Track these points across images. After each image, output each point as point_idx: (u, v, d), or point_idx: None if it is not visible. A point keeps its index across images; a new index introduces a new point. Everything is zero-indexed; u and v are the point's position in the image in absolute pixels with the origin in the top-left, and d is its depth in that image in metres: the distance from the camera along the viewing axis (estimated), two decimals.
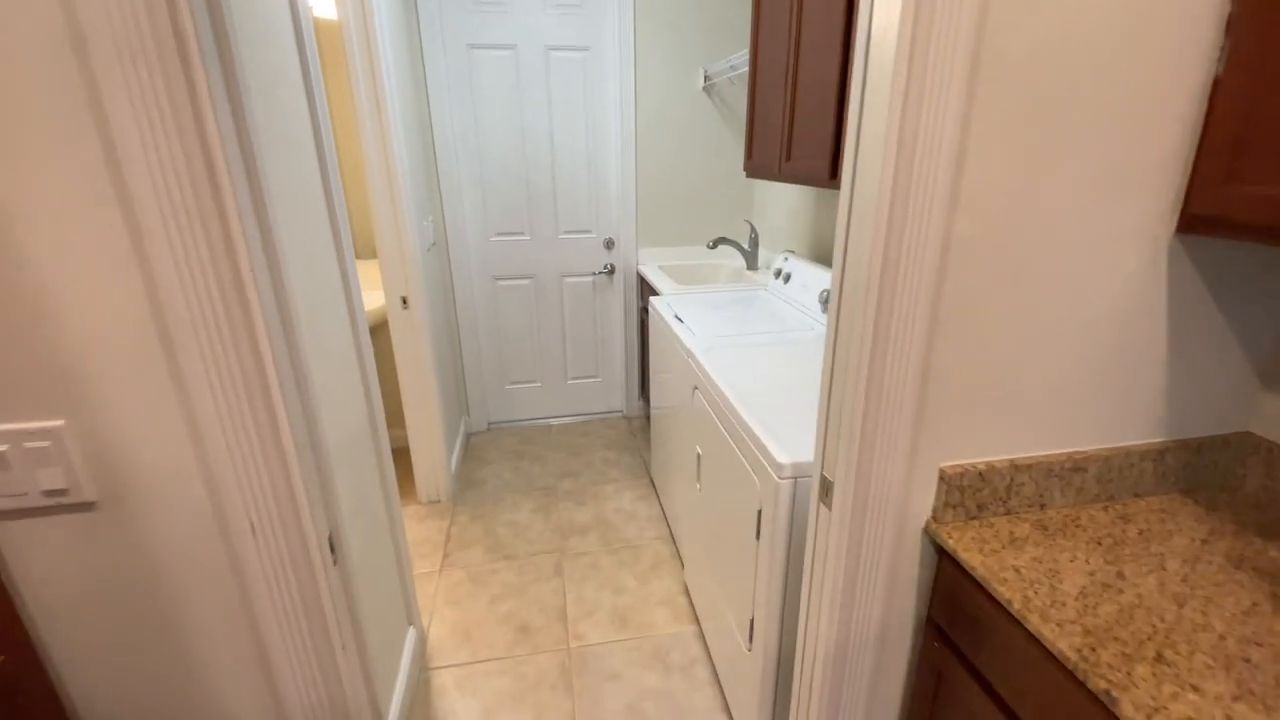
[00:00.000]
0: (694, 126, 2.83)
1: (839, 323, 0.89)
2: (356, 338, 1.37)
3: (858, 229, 0.82)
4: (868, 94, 0.77)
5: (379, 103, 1.95)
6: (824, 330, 1.86)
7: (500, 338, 3.05)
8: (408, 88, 2.31)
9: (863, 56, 0.78)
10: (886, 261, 0.79)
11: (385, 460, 1.52)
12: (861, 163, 0.80)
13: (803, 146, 1.76)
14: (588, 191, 2.89)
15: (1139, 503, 1.00)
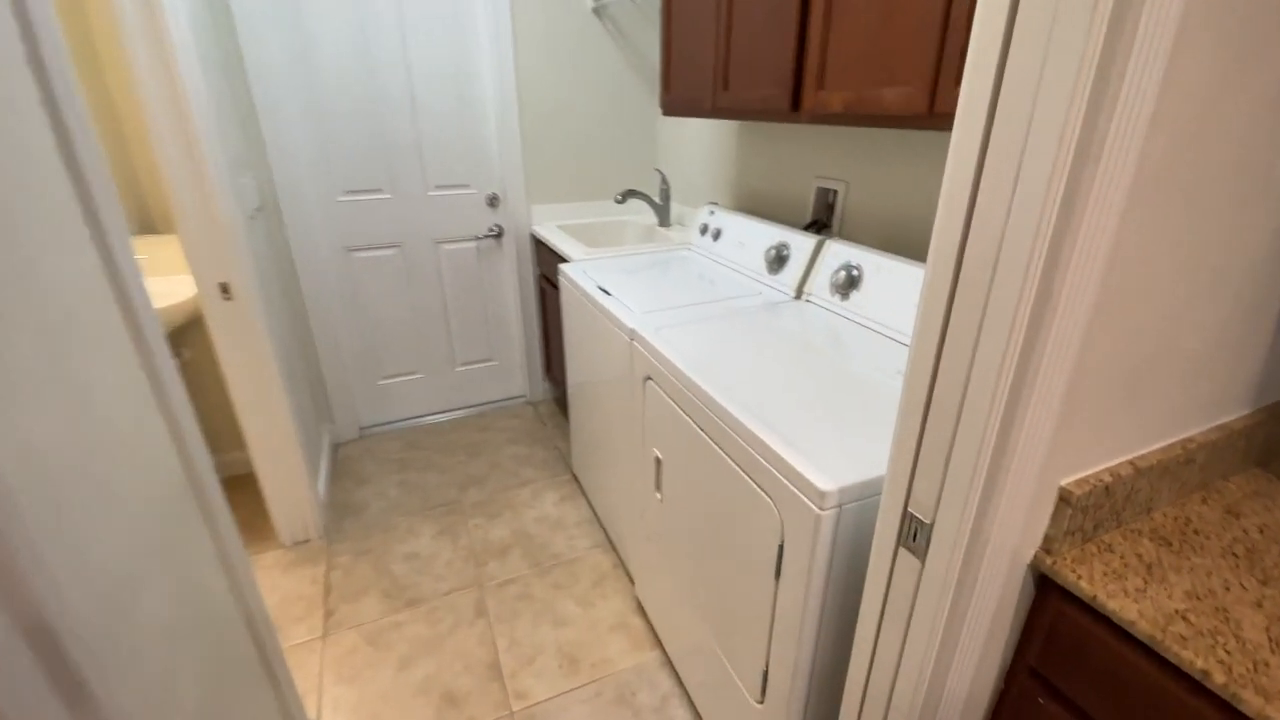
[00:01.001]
0: (585, 58, 2.40)
1: (952, 314, 0.60)
2: (145, 353, 0.86)
3: (998, 180, 0.52)
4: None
5: (151, 8, 1.32)
6: (778, 295, 1.62)
7: (364, 323, 2.48)
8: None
9: None
10: (1066, 215, 0.50)
11: (214, 505, 1.03)
12: (1014, 83, 0.50)
13: (747, 74, 1.45)
14: (461, 137, 2.37)
15: (1228, 486, 0.85)
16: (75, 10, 1.86)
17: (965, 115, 0.55)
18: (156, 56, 1.37)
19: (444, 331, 2.62)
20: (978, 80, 0.53)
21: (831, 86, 1.21)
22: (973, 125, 0.54)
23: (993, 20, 0.51)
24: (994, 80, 0.52)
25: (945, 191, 0.58)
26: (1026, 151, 0.50)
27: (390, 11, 2.11)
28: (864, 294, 1.39)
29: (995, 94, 0.52)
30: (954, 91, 0.95)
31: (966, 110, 0.55)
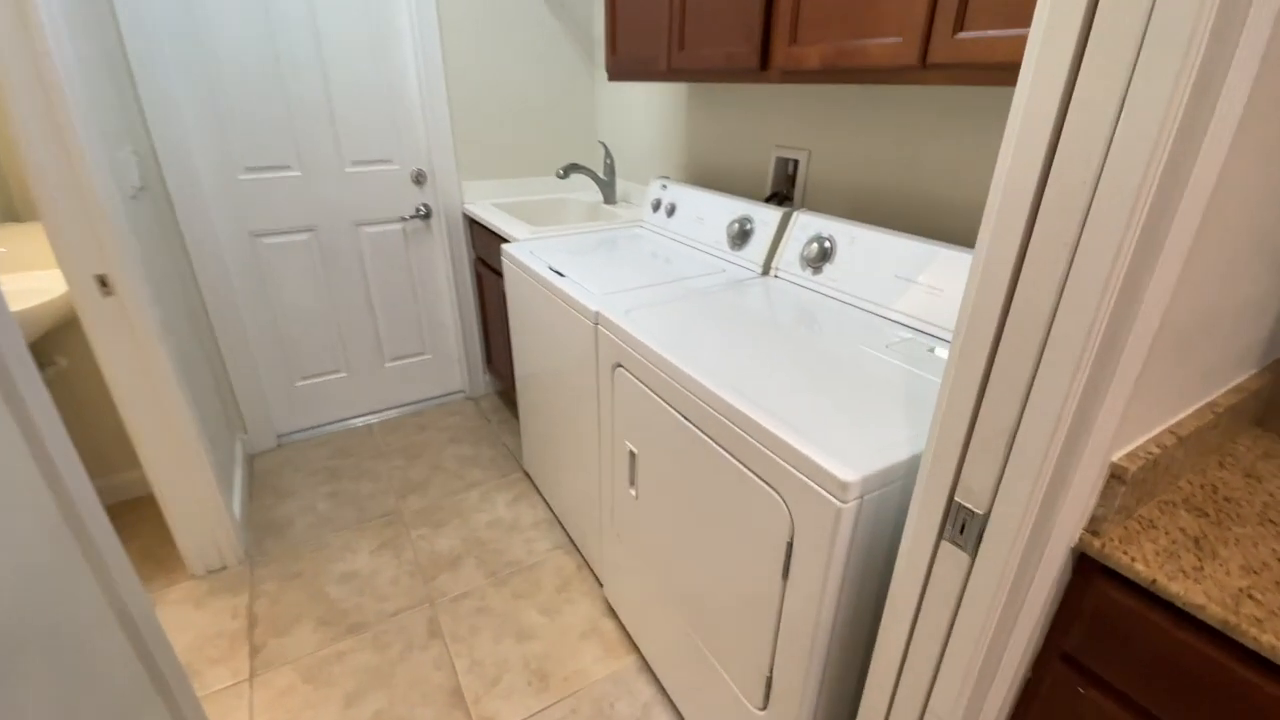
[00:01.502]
0: (519, 26, 2.21)
1: (1025, 267, 0.51)
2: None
3: (1094, 105, 0.43)
4: None
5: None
6: (744, 271, 1.53)
7: (277, 318, 2.20)
8: None
9: None
10: (1184, 141, 0.42)
11: (100, 543, 0.82)
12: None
13: (708, 29, 1.33)
14: (380, 108, 2.13)
15: (1237, 448, 0.83)
16: None
17: (1052, 29, 0.45)
18: (12, 6, 1.10)
19: (370, 324, 2.38)
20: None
21: (806, 40, 1.11)
22: (1062, 39, 0.45)
23: None
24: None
25: (1018, 118, 0.49)
26: (1140, 66, 0.41)
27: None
28: (838, 266, 1.32)
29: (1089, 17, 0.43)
30: (951, 40, 0.88)
31: (1055, 23, 0.45)
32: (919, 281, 1.15)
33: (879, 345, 1.10)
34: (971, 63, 0.86)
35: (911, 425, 0.84)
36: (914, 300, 1.16)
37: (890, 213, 1.38)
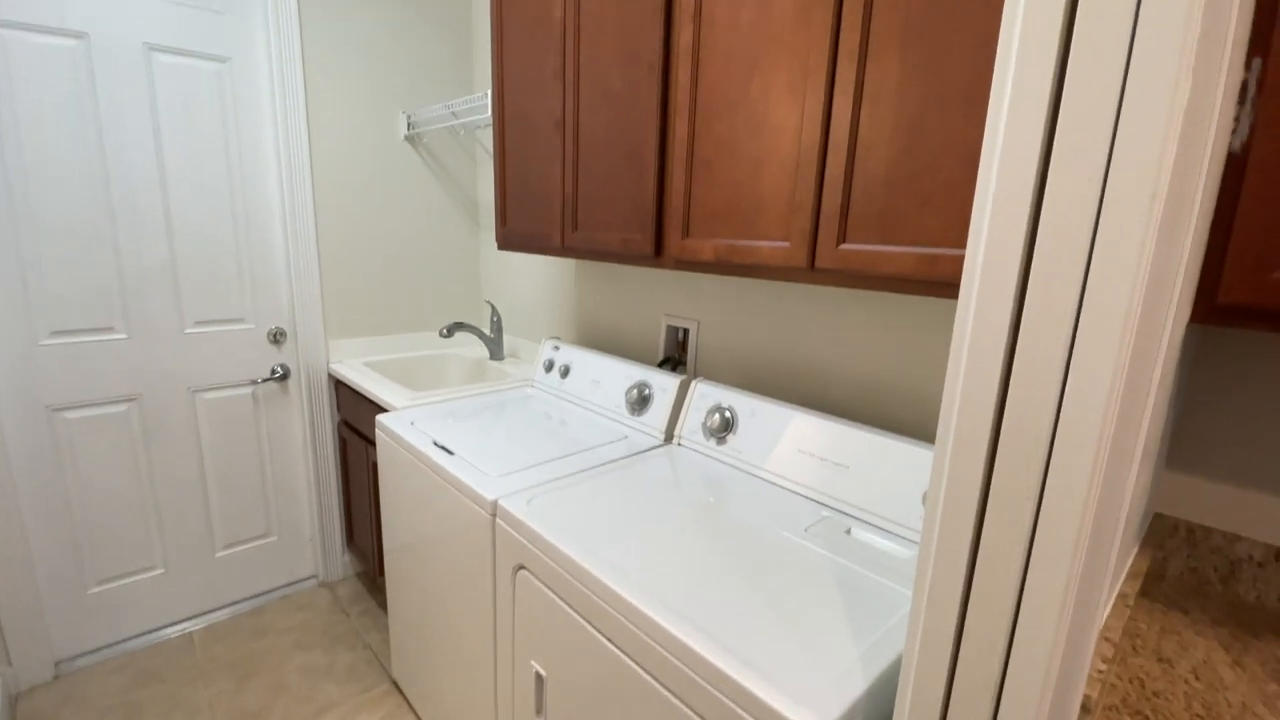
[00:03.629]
0: (398, 185, 2.20)
1: (985, 545, 0.50)
2: None
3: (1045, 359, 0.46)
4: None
5: None
6: (646, 438, 1.45)
7: (71, 510, 1.77)
8: None
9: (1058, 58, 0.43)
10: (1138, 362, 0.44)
11: None
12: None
13: (601, 217, 1.39)
14: (239, 265, 1.94)
15: (1140, 627, 0.86)
16: None
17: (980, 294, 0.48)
18: None
19: (200, 506, 2.00)
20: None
21: (699, 234, 1.18)
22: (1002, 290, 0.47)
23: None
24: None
25: (963, 359, 0.50)
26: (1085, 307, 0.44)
27: (140, 111, 1.71)
28: (741, 438, 1.32)
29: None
30: (836, 250, 0.96)
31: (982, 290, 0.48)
32: (823, 457, 1.17)
33: (797, 528, 1.07)
34: (858, 272, 0.94)
35: (856, 636, 0.79)
36: (820, 476, 1.17)
37: (780, 383, 1.44)
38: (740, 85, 1.06)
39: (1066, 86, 0.44)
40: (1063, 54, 0.44)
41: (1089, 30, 0.42)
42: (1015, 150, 0.46)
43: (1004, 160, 0.47)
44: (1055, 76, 0.44)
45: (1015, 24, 0.45)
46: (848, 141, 0.92)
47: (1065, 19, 0.44)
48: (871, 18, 0.87)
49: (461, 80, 2.27)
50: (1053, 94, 0.45)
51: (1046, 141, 0.45)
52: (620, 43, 1.26)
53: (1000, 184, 0.47)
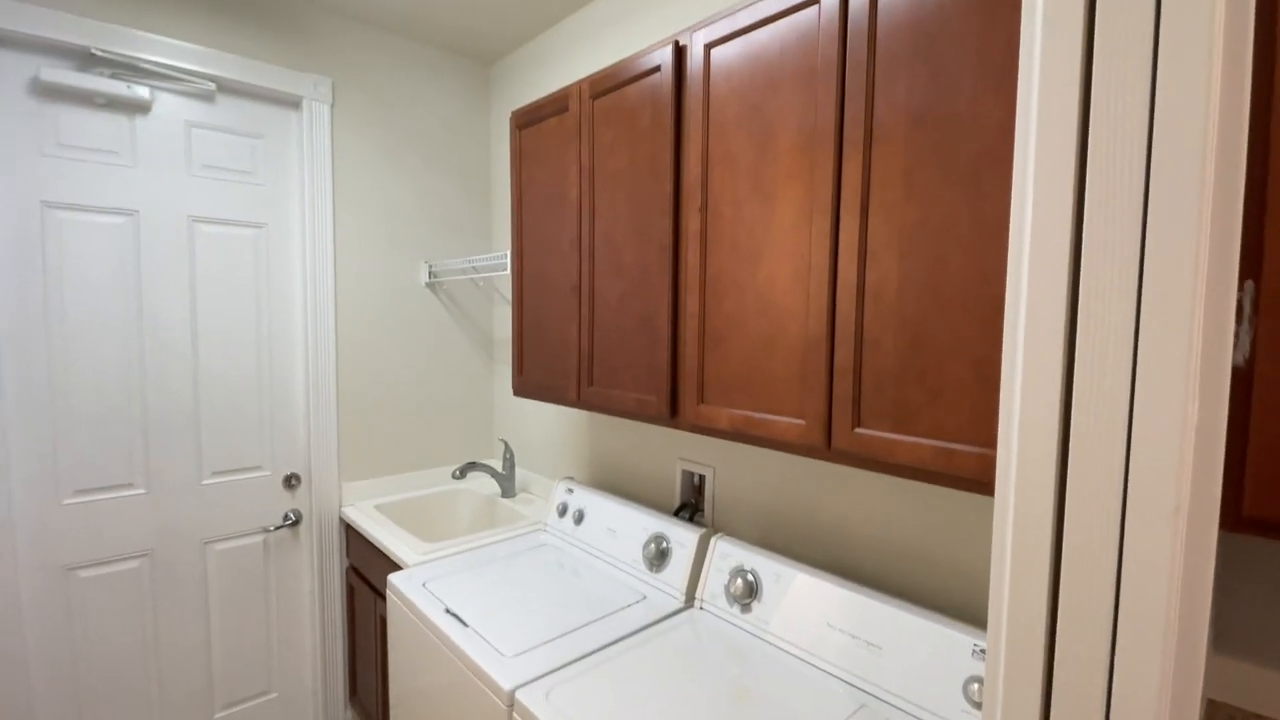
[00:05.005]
0: (418, 328, 2.28)
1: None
2: None
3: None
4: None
5: None
6: (667, 598, 1.34)
7: (78, 670, 1.70)
8: None
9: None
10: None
11: None
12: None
13: (617, 377, 1.43)
14: (259, 411, 1.99)
15: None
16: None
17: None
18: None
19: (203, 664, 1.92)
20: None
21: (715, 402, 1.20)
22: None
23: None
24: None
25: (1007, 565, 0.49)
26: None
27: (179, 278, 1.82)
28: (766, 606, 1.28)
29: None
30: (852, 434, 0.98)
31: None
32: (854, 634, 1.13)
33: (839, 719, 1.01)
34: (876, 459, 0.95)
35: None
36: (853, 656, 1.12)
37: (803, 540, 1.41)
38: (747, 270, 1.13)
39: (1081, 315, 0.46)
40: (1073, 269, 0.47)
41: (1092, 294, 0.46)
42: (1037, 359, 0.48)
43: (1027, 375, 0.49)
44: (1068, 309, 0.47)
45: (1022, 269, 0.49)
46: (854, 335, 0.96)
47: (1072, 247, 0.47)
48: (868, 228, 0.93)
49: (481, 232, 2.42)
50: (1069, 314, 0.47)
51: (1070, 329, 0.47)
52: (633, 224, 1.35)
53: (1025, 404, 0.49)
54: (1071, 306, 0.48)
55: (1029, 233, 0.49)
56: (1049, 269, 0.48)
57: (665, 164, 1.26)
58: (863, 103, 0.93)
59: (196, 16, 1.78)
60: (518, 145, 1.71)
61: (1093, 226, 0.46)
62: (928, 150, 0.86)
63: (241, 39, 1.85)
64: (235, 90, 1.88)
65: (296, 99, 1.97)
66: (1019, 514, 0.51)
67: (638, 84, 1.33)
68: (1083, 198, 0.47)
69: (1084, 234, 0.47)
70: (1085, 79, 0.47)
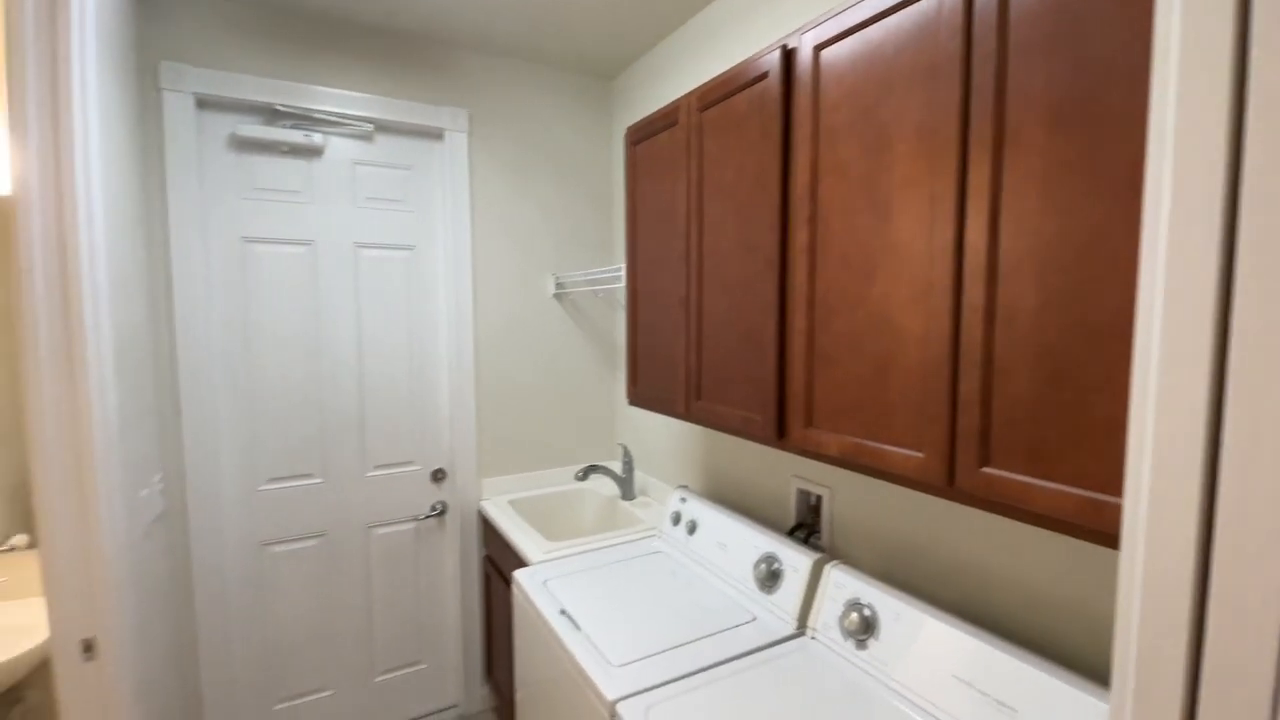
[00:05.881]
0: (545, 336, 2.42)
1: None
2: None
3: None
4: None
5: (72, 333, 1.18)
6: (777, 622, 1.30)
7: (270, 633, 2.04)
8: (129, 300, 1.55)
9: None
10: None
11: None
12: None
13: (723, 393, 1.40)
14: (411, 413, 2.23)
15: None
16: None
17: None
18: (63, 377, 1.19)
19: (366, 633, 2.20)
20: None
21: (824, 426, 1.14)
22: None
23: None
24: None
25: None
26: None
27: (345, 297, 2.09)
28: (885, 646, 1.19)
29: None
30: (978, 473, 0.87)
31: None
32: (984, 691, 1.01)
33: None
34: (1007, 503, 0.84)
35: None
36: (982, 715, 1.00)
37: (928, 576, 1.29)
38: (859, 286, 1.05)
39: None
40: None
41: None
42: (1174, 392, 0.40)
43: (1161, 411, 0.40)
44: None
45: (1156, 292, 0.40)
46: (982, 362, 0.85)
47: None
48: (999, 242, 0.82)
49: (604, 244, 2.50)
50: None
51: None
52: (739, 238, 1.31)
53: (1159, 445, 0.41)
54: (1220, 336, 0.39)
55: (1164, 244, 0.41)
56: (1190, 285, 0.39)
57: (773, 175, 1.21)
58: (991, 99, 0.82)
59: (358, 65, 2.02)
60: (632, 161, 1.74)
61: (1249, 235, 0.37)
62: (1071, 153, 0.74)
63: (392, 81, 2.07)
64: (388, 129, 2.11)
65: (439, 131, 2.17)
66: (1149, 575, 0.42)
67: (745, 93, 1.28)
68: (1236, 203, 0.38)
69: (1237, 241, 0.38)
70: (1239, 61, 0.37)
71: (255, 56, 1.87)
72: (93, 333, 1.21)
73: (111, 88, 1.43)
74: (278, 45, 1.90)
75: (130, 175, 1.60)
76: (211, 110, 1.86)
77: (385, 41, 2.05)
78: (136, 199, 1.65)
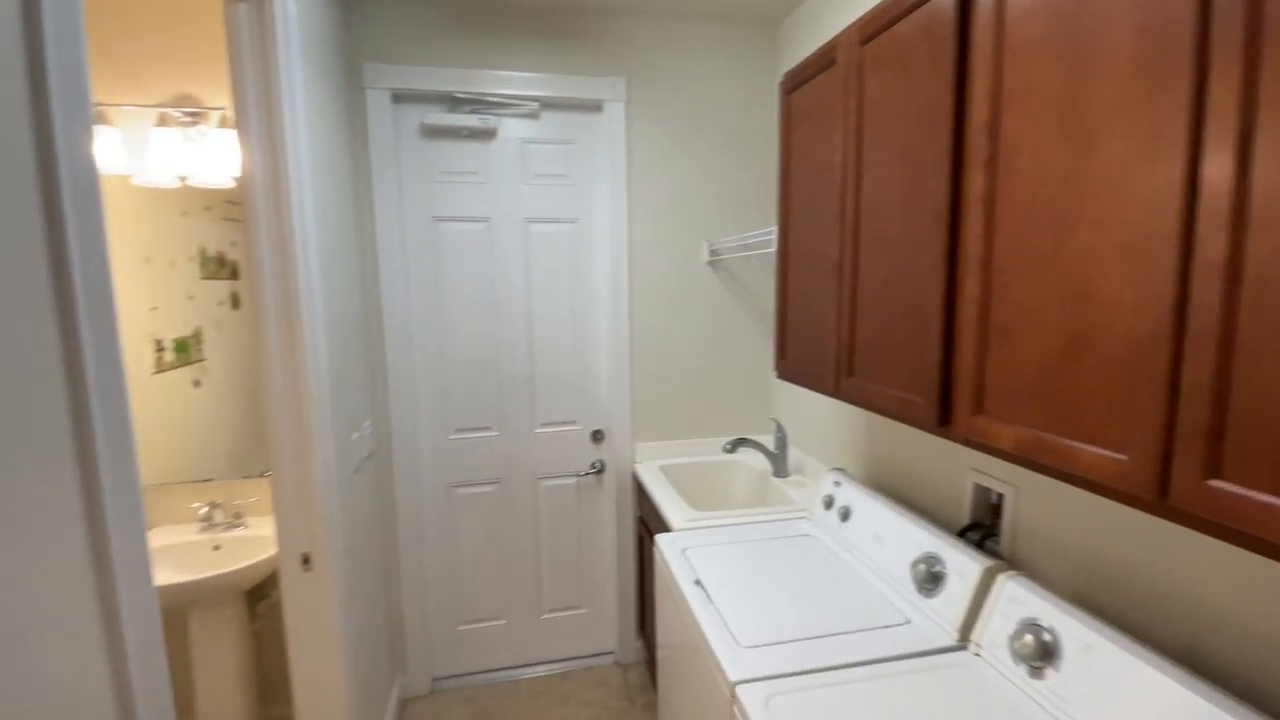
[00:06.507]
0: (699, 304, 2.38)
1: None
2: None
3: None
4: None
5: (290, 298, 1.43)
6: (935, 630, 1.15)
7: (455, 562, 2.35)
8: (343, 272, 1.83)
9: None
10: None
11: None
12: None
13: (878, 369, 1.24)
14: (573, 376, 2.36)
15: None
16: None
17: None
18: (284, 335, 1.45)
19: (534, 573, 2.42)
20: None
21: (996, 415, 0.95)
22: None
23: None
24: None
25: None
26: None
27: (517, 267, 2.25)
28: (1067, 680, 0.98)
29: None
30: (1201, 486, 0.65)
31: None
32: None
33: None
34: (1244, 529, 0.62)
35: None
36: None
37: (1137, 606, 1.03)
38: (1049, 242, 0.84)
39: None
40: None
41: None
42: None
43: None
44: None
45: None
46: (1218, 340, 0.63)
47: None
48: (1250, 177, 0.59)
49: (761, 203, 2.37)
50: None
51: None
52: (902, 189, 1.14)
53: None
54: None
55: None
56: None
57: (943, 110, 1.02)
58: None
59: (525, 45, 2.12)
60: (786, 111, 1.60)
61: None
62: None
63: (555, 57, 2.14)
64: (552, 105, 2.20)
65: (598, 103, 2.20)
66: None
67: (911, 16, 1.09)
68: None
69: None
70: None
71: (439, 49, 2.05)
72: (306, 301, 1.45)
73: (323, 91, 1.67)
74: (457, 36, 2.06)
75: (341, 166, 1.88)
76: (405, 103, 2.10)
77: (548, 19, 2.12)
78: (347, 186, 1.94)
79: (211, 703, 1.87)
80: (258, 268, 1.34)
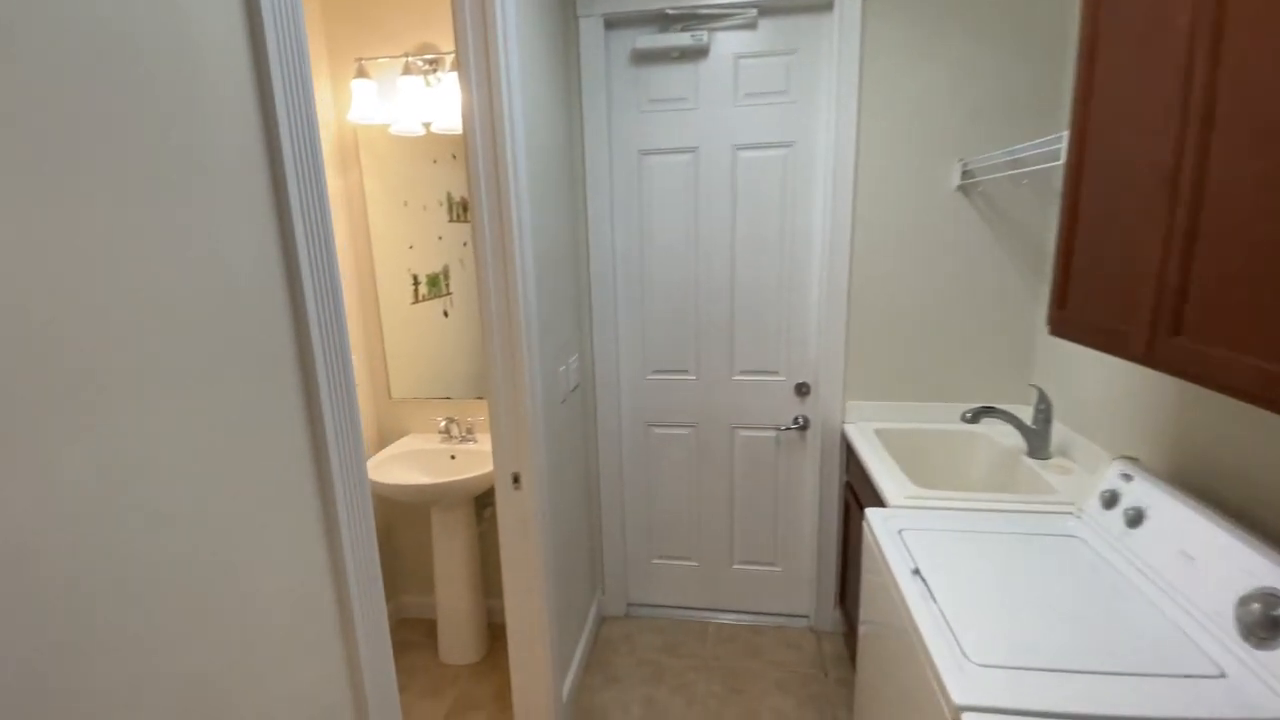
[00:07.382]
0: (938, 238, 1.98)
1: None
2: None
3: None
4: None
5: (504, 235, 1.48)
6: (1268, 695, 0.83)
7: (650, 498, 2.38)
8: (554, 208, 1.85)
9: None
10: None
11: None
12: None
13: (1229, 327, 0.86)
14: (778, 323, 2.17)
15: None
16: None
17: None
18: (499, 272, 1.51)
19: (726, 522, 2.36)
20: None
21: None
22: None
23: None
24: None
25: None
26: None
27: (723, 201, 2.09)
28: None
29: None
30: None
31: None
32: None
33: None
34: None
35: None
36: None
37: None
38: None
39: None
40: None
41: None
42: None
43: None
44: None
45: None
46: None
47: None
48: None
49: (1041, 109, 1.84)
50: None
51: None
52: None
53: None
54: None
55: None
56: None
57: None
58: None
59: None
60: None
61: None
62: None
63: None
64: (772, 10, 1.93)
65: (829, 1, 1.88)
66: None
67: None
68: None
69: None
70: None
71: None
72: (517, 237, 1.48)
73: (538, 23, 1.66)
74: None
75: (556, 101, 1.88)
76: (616, 29, 2.01)
77: None
78: (561, 122, 1.94)
79: (447, 588, 2.18)
80: (476, 206, 1.39)
